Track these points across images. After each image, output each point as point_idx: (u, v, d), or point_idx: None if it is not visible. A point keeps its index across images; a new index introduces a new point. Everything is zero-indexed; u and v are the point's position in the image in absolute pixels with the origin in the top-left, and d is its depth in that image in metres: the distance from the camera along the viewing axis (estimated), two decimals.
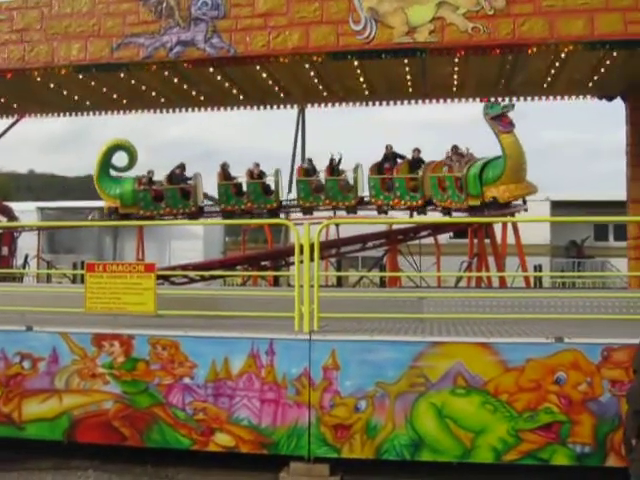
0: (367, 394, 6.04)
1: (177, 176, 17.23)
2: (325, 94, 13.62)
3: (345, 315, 7.12)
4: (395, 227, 16.32)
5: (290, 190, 18.93)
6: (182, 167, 17.39)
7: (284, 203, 17.30)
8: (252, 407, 6.21)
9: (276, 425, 6.17)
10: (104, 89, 13.01)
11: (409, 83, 12.72)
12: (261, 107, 14.78)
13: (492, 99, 13.91)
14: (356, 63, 11.08)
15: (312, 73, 11.91)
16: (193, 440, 6.32)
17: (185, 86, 12.94)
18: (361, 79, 12.43)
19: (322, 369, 6.12)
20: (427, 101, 14.01)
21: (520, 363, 5.90)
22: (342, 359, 6.10)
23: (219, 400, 6.28)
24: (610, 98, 13.50)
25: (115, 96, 13.61)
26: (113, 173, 17.48)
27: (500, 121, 13.90)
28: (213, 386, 6.29)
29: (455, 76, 12.17)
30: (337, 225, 18.44)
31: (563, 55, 10.18)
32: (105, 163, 17.18)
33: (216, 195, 17.30)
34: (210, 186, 17.72)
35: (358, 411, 6.06)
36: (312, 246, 6.50)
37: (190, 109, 14.91)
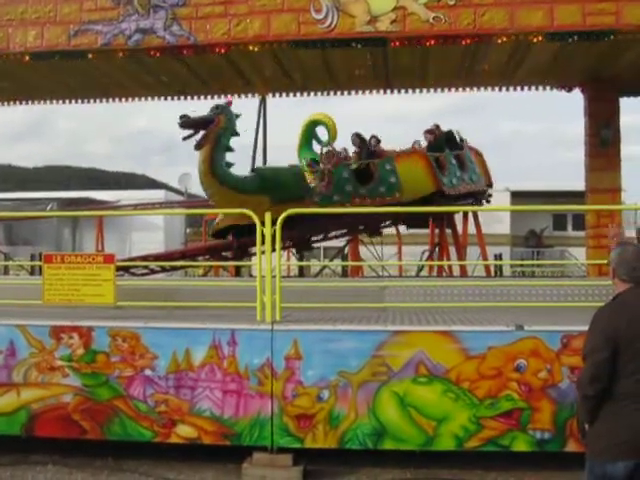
0: (330, 384, 6.05)
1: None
2: (286, 83, 13.54)
3: (307, 305, 7.11)
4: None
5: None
6: (377, 140, 16.54)
7: None
8: (214, 398, 6.18)
9: (238, 416, 6.15)
10: (61, 77, 12.75)
11: (371, 73, 12.70)
12: (222, 96, 14.62)
13: (453, 89, 13.96)
14: (318, 52, 11.02)
15: (273, 62, 11.83)
16: (155, 432, 6.27)
17: (144, 74, 12.74)
18: (323, 68, 12.37)
19: (284, 359, 6.11)
20: (389, 91, 14.00)
21: (481, 351, 5.96)
22: (304, 349, 6.09)
23: (181, 391, 6.23)
24: (569, 89, 13.62)
25: (73, 84, 13.36)
26: (315, 148, 16.59)
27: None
28: (174, 377, 6.24)
29: (416, 66, 12.18)
30: None
31: (523, 46, 10.25)
32: (308, 137, 16.26)
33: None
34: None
35: (321, 401, 6.06)
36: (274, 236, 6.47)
37: (150, 98, 14.69)
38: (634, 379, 3.71)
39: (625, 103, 13.06)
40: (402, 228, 17.67)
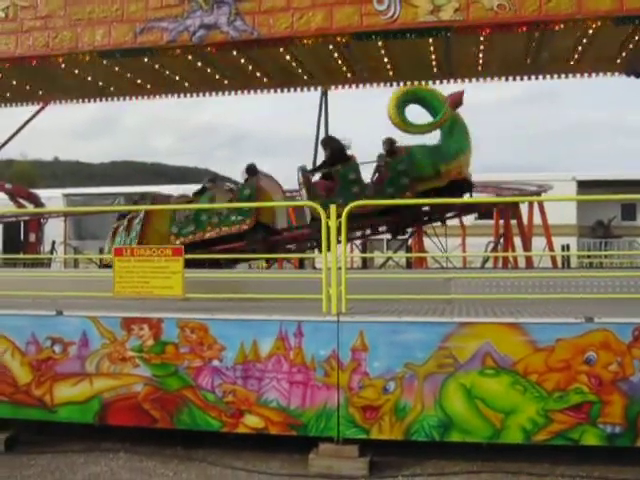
0: (396, 375, 6.03)
1: None
2: (349, 75, 13.56)
3: (373, 297, 7.10)
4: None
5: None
6: None
7: None
8: (281, 389, 6.23)
9: (305, 406, 6.18)
10: (128, 74, 13.05)
11: (434, 62, 12.61)
12: (284, 90, 14.73)
13: (517, 78, 13.74)
14: (380, 43, 11.00)
15: (336, 54, 11.85)
16: (223, 422, 6.35)
17: (209, 70, 12.94)
18: (385, 59, 12.35)
19: (350, 351, 6.12)
20: (452, 81, 13.88)
21: (550, 343, 5.85)
22: (370, 340, 6.09)
23: (248, 382, 6.30)
24: (638, 75, 13.27)
25: (139, 81, 13.66)
26: None
27: None
28: (242, 368, 6.31)
29: (480, 55, 12.05)
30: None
31: (590, 31, 10.03)
32: None
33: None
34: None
35: (387, 392, 6.05)
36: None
37: (214, 93, 14.90)
38: None
39: None
40: (466, 219, 17.49)
